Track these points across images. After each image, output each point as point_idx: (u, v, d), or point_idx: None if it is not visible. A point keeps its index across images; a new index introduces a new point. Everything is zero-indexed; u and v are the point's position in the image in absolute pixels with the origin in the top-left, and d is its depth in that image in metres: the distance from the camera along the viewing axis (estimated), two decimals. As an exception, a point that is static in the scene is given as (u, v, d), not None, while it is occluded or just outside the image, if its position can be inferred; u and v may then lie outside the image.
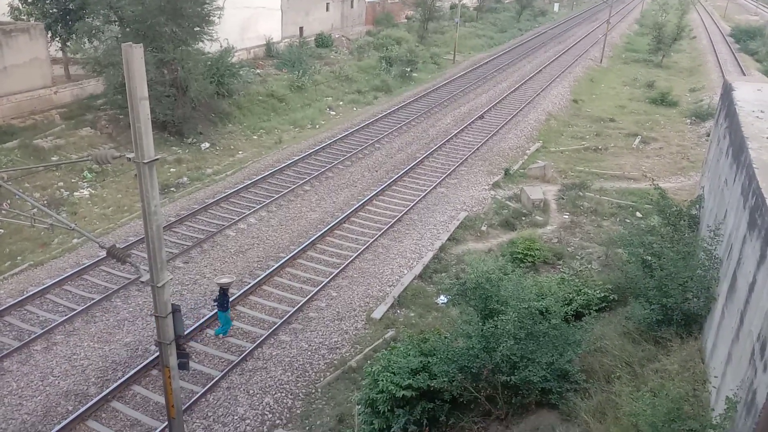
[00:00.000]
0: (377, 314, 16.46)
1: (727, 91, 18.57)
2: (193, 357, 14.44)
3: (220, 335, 15.38)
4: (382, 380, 11.24)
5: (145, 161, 8.06)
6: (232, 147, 28.93)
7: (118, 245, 17.41)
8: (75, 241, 19.66)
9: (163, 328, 9.13)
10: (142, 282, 16.71)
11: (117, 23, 27.24)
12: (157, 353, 12.73)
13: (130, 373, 13.72)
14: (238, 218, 21.38)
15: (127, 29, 26.49)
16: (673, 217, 16.18)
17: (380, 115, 34.40)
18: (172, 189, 23.94)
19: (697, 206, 17.39)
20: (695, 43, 72.80)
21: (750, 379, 8.37)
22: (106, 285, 17.19)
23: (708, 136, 28.75)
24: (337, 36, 50.15)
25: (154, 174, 8.27)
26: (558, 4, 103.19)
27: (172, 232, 20.25)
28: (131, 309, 16.30)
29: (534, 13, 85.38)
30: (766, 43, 66.58)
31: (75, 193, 22.54)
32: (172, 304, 9.18)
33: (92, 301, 16.27)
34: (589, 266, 17.67)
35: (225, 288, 15.00)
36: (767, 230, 9.06)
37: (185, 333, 10.87)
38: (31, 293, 16.44)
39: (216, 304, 15.17)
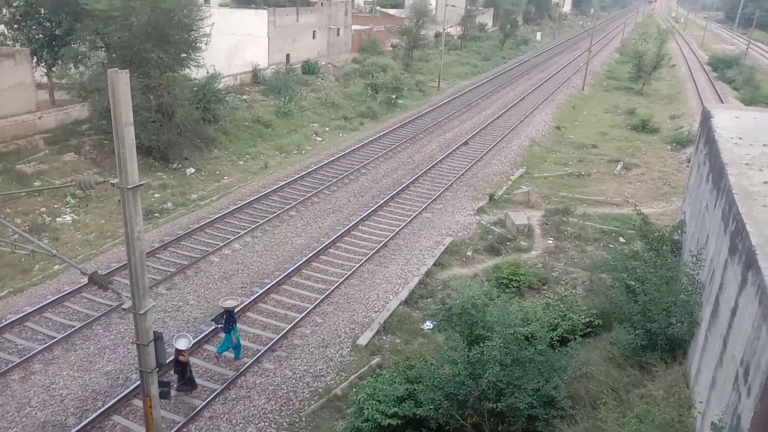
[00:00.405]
0: (363, 341, 16.33)
1: (706, 118, 18.94)
2: (175, 386, 14.17)
3: (224, 353, 15.31)
4: (368, 408, 11.12)
5: (129, 187, 8.03)
6: (217, 172, 28.88)
7: (100, 272, 17.17)
8: (56, 267, 19.38)
9: (144, 356, 9.00)
10: (124, 309, 16.42)
11: (103, 49, 27.33)
12: (139, 382, 12.49)
13: (110, 403, 13.42)
14: (222, 244, 21.25)
15: (114, 55, 26.56)
16: (656, 242, 16.35)
17: (366, 141, 34.61)
18: (156, 214, 23.78)
19: (679, 231, 17.59)
20: (674, 72, 74.45)
21: (734, 404, 8.40)
22: (88, 312, 16.92)
23: (688, 162, 29.23)
24: (323, 63, 50.63)
25: (137, 199, 8.23)
26: (540, 33, 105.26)
27: (156, 258, 20.06)
28: (113, 337, 16.03)
29: (517, 41, 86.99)
30: (743, 71, 68.24)
31: (57, 219, 22.30)
32: (154, 332, 9.06)
33: (73, 329, 15.98)
34: (574, 291, 17.75)
35: (230, 311, 14.89)
36: (748, 255, 9.18)
37: (167, 361, 10.71)
38: (9, 321, 16.12)
39: (218, 324, 15.09)
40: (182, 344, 13.67)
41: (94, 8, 25.13)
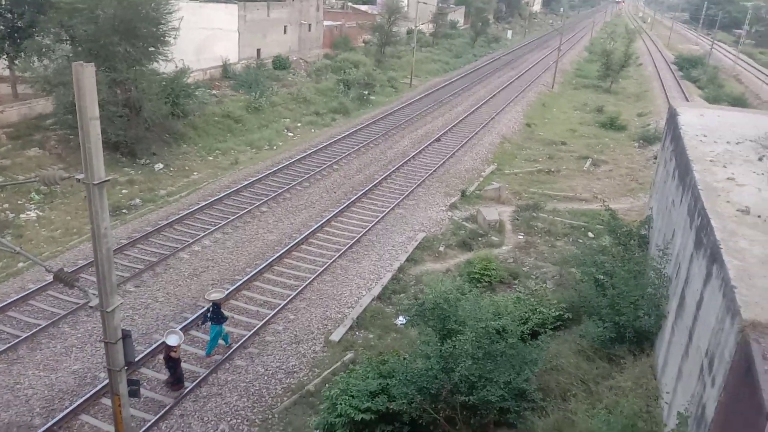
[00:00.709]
0: (336, 336, 16.30)
1: (672, 115, 19.34)
2: (145, 384, 13.96)
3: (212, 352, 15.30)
4: (341, 404, 11.11)
5: (96, 182, 7.86)
6: (186, 168, 28.48)
7: (66, 269, 16.79)
8: (20, 265, 18.88)
9: (112, 354, 8.84)
10: (92, 307, 16.12)
11: (68, 42, 26.65)
12: (107, 381, 12.27)
13: (77, 402, 13.15)
14: (192, 240, 20.97)
15: (79, 48, 25.93)
16: (624, 237, 16.64)
17: (338, 137, 34.49)
18: (123, 211, 23.35)
19: (646, 226, 17.94)
20: (641, 70, 75.89)
21: (699, 394, 8.61)
22: (53, 310, 16.54)
23: (655, 158, 29.82)
24: (294, 58, 50.26)
25: (104, 195, 8.07)
26: (511, 31, 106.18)
27: (124, 255, 19.70)
28: (80, 335, 15.70)
29: (488, 39, 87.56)
30: (707, 71, 69.92)
31: (21, 216, 21.74)
32: (122, 330, 8.90)
33: (38, 328, 15.60)
34: (544, 285, 17.97)
35: (217, 303, 15.04)
36: (713, 249, 9.41)
37: (136, 359, 10.54)
38: (-29, 320, 15.69)
39: (207, 320, 15.15)
40: (173, 340, 13.62)
41: (59, 0, 24.51)
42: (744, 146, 15.32)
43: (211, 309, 15.15)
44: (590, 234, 23.40)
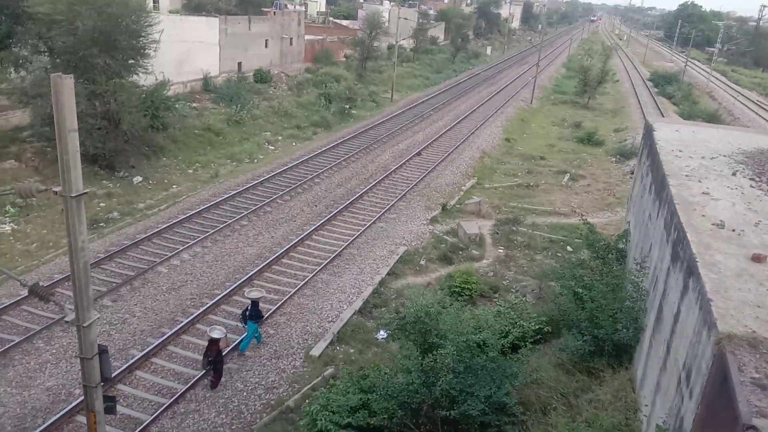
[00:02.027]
0: (316, 351, 16.19)
1: (648, 131, 19.68)
2: (121, 400, 13.71)
3: (245, 350, 15.99)
4: (321, 420, 11.02)
5: (73, 195, 7.76)
6: (166, 181, 28.22)
7: (41, 283, 16.50)
8: (-7, 279, 18.51)
9: (88, 370, 8.67)
10: (67, 322, 15.83)
11: (46, 54, 26.39)
12: (82, 397, 12.03)
13: (51, 420, 12.86)
14: (171, 254, 20.74)
15: (57, 60, 25.68)
16: (602, 251, 16.79)
17: (319, 151, 34.50)
18: (101, 224, 23.04)
19: (624, 240, 18.14)
20: (618, 87, 77.23)
21: (678, 407, 8.69)
22: (28, 326, 16.19)
23: (632, 173, 30.25)
24: (276, 72, 50.30)
25: (82, 208, 7.96)
26: (490, 47, 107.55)
27: (101, 269, 19.41)
28: (54, 351, 15.39)
29: (468, 55, 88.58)
30: (681, 87, 71.35)
31: (-5, 229, 21.33)
32: (98, 345, 8.75)
33: (11, 343, 15.25)
34: (524, 299, 18.05)
35: (256, 301, 15.88)
36: (689, 262, 9.55)
37: (113, 375, 10.36)
38: (-59, 336, 15.30)
39: (246, 317, 15.90)
40: (218, 333, 14.53)
41: (37, 11, 24.26)
42: (718, 161, 15.63)
43: (249, 307, 15.93)
44: (569, 248, 23.62)
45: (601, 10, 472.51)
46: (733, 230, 10.74)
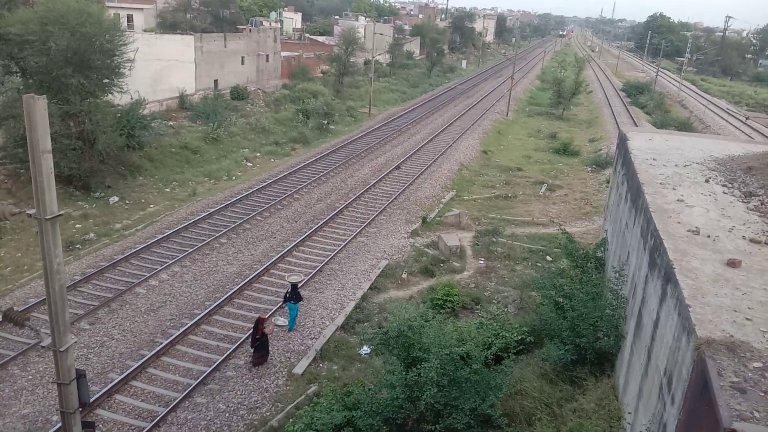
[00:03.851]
0: (299, 369, 16.03)
1: (622, 140, 20.00)
2: (101, 426, 13.41)
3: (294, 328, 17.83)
4: (305, 438, 10.89)
5: (48, 217, 7.62)
6: (142, 200, 27.92)
7: (16, 308, 16.17)
8: (-35, 305, 18.06)
9: (66, 395, 8.47)
10: (44, 346, 15.53)
11: (19, 74, 26.07)
12: (60, 424, 11.74)
13: (27, 449, 12.55)
14: (149, 275, 20.46)
15: (30, 80, 25.40)
16: (581, 260, 16.97)
17: (298, 166, 34.44)
18: (77, 246, 22.66)
19: (602, 249, 18.35)
20: (592, 97, 78.49)
21: (660, 413, 8.75)
22: (2, 352, 15.79)
23: (608, 182, 30.67)
24: (253, 89, 50.25)
25: (57, 230, 7.82)
26: (466, 61, 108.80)
27: (78, 291, 19.07)
28: (30, 377, 15.03)
29: (444, 69, 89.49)
30: (653, 97, 72.74)
31: (-33, 253, 20.87)
32: (76, 370, 8.56)
33: (-16, 371, 14.89)
34: (506, 310, 18.14)
35: (296, 284, 17.79)
36: (666, 269, 9.68)
37: (91, 400, 10.14)
38: None
39: (287, 300, 17.78)
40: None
41: (8, 32, 24.00)
42: (691, 169, 15.93)
43: (290, 290, 17.73)
44: (548, 257, 23.80)
45: (573, 22, 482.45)
46: (708, 236, 10.93)
